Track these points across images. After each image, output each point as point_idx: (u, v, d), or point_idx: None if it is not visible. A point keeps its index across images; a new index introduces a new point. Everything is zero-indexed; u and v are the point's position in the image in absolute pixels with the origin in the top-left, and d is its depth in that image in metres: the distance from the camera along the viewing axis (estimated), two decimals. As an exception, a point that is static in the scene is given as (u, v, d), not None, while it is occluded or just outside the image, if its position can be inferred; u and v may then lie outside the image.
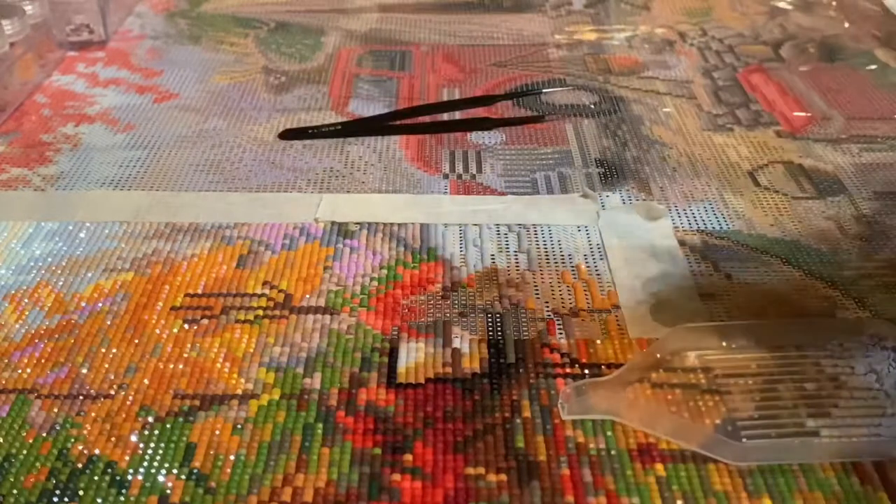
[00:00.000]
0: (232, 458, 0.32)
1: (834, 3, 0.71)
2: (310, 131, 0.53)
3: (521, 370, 0.35)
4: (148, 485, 0.31)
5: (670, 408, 0.33)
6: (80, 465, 0.31)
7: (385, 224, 0.45)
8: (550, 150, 0.52)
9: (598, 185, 0.48)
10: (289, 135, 0.53)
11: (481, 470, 0.31)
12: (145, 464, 0.31)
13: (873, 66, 0.61)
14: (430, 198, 0.47)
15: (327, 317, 0.38)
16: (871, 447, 0.32)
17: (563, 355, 0.36)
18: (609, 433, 0.32)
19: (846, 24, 0.68)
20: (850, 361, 0.35)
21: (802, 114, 0.55)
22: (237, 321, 0.38)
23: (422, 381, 0.35)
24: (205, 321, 0.38)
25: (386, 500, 0.30)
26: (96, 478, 0.31)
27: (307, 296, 0.40)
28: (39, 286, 0.40)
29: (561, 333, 0.37)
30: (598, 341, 0.37)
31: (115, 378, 0.35)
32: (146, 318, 0.38)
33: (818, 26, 0.68)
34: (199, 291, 0.40)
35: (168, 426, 0.33)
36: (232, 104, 0.57)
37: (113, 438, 0.32)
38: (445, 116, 0.55)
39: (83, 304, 0.39)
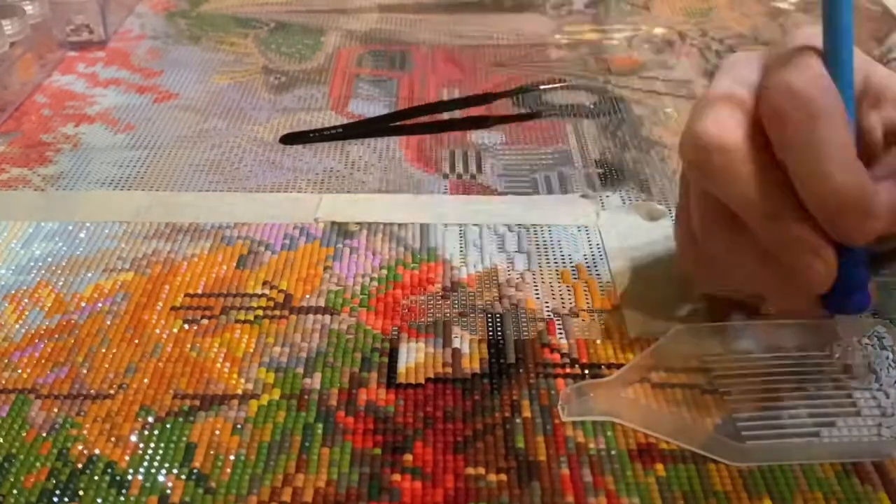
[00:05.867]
0: (232, 458, 0.32)
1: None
2: (311, 135, 0.53)
3: (521, 370, 0.35)
4: (148, 485, 0.31)
5: (670, 408, 0.34)
6: (80, 465, 0.31)
7: (385, 224, 0.45)
8: (550, 149, 0.52)
9: (598, 185, 0.48)
10: (290, 139, 0.53)
11: (481, 470, 0.31)
12: (145, 464, 0.31)
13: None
14: (430, 198, 0.47)
15: (327, 317, 0.38)
16: (871, 447, 0.32)
17: (563, 355, 0.36)
18: (609, 433, 0.32)
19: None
20: (850, 361, 0.35)
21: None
22: (237, 321, 0.38)
23: (422, 381, 0.35)
24: (205, 321, 0.38)
25: (386, 500, 0.30)
26: (96, 478, 0.31)
27: (307, 296, 0.40)
28: (39, 286, 0.40)
29: (561, 333, 0.37)
30: (598, 341, 0.37)
31: (115, 378, 0.35)
32: (146, 318, 0.38)
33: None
34: (199, 291, 0.40)
35: (168, 426, 0.33)
36: (232, 104, 0.57)
37: (113, 438, 0.32)
38: (446, 116, 0.55)
39: (83, 304, 0.39)
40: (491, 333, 0.37)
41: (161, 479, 0.31)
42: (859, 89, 0.33)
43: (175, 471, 0.31)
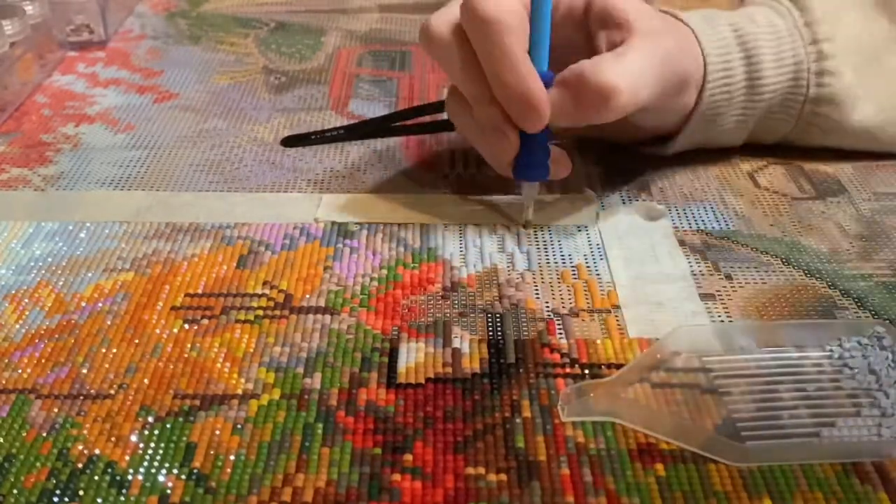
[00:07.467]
0: (232, 458, 0.32)
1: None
2: (312, 137, 0.53)
3: (521, 370, 0.35)
4: (148, 485, 0.31)
5: (670, 408, 0.34)
6: (80, 465, 0.31)
7: (385, 224, 0.45)
8: (550, 150, 0.51)
9: (598, 185, 0.48)
10: (291, 141, 0.53)
11: (481, 470, 0.31)
12: (145, 464, 0.31)
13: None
14: (430, 198, 0.47)
15: (327, 317, 0.38)
16: (871, 447, 0.32)
17: (563, 355, 0.36)
18: (609, 433, 0.32)
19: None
20: (850, 362, 0.35)
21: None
22: (237, 321, 0.38)
23: (422, 381, 0.35)
24: (205, 321, 0.38)
25: (386, 500, 0.30)
26: (96, 478, 0.31)
27: (307, 296, 0.40)
28: (39, 286, 0.40)
29: (561, 333, 0.37)
30: (598, 341, 0.37)
31: (115, 378, 0.35)
32: (146, 318, 0.38)
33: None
34: (199, 291, 0.40)
35: (168, 426, 0.33)
36: (232, 104, 0.57)
37: (113, 438, 0.32)
38: (446, 116, 0.55)
39: (83, 304, 0.39)
40: (491, 333, 0.37)
41: (161, 479, 0.31)
42: (582, 5, 0.43)
43: (175, 471, 0.31)
